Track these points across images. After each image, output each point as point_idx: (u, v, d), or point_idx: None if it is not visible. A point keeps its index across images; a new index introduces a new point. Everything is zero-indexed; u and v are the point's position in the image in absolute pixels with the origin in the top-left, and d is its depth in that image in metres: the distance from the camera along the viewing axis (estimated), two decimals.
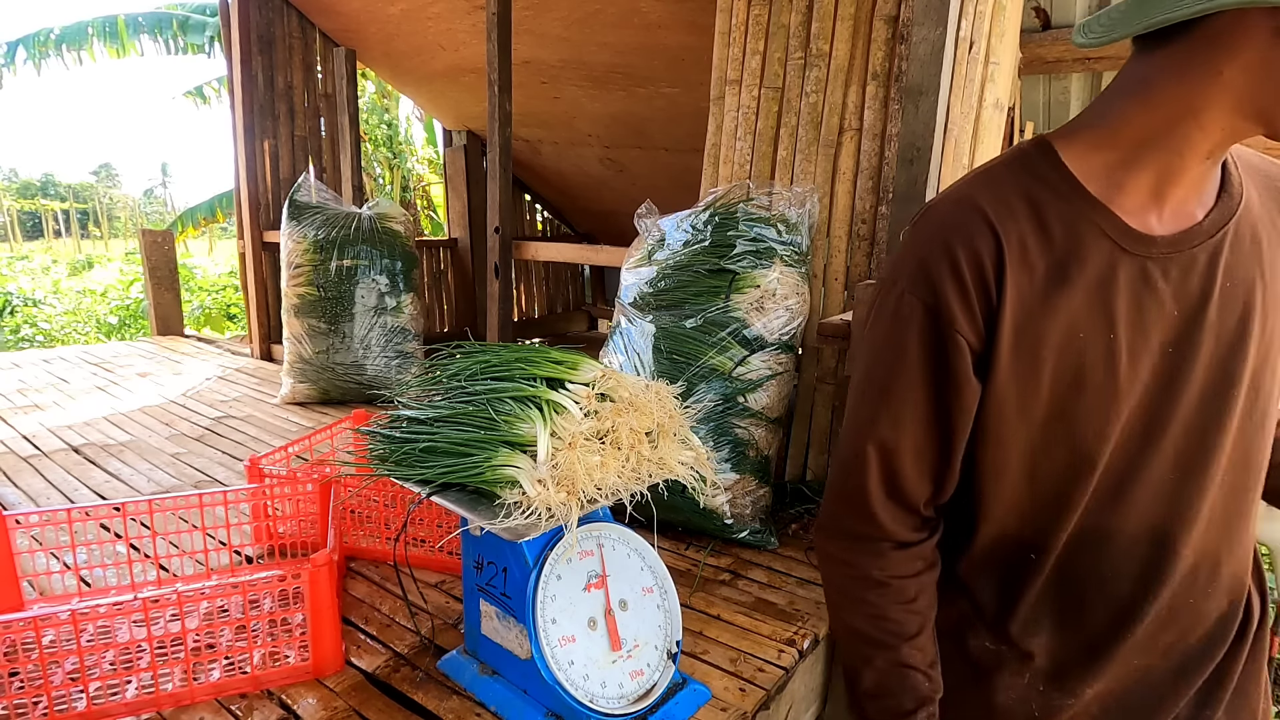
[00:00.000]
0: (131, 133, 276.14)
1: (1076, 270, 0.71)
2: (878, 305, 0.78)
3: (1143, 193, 0.71)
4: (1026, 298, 0.71)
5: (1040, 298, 0.71)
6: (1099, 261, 0.71)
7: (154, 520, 1.57)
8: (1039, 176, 0.73)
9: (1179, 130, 0.67)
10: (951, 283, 0.71)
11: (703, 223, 1.98)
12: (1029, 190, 0.73)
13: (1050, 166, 0.73)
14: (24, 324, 8.35)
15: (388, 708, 1.28)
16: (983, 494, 0.79)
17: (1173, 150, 0.68)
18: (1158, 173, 0.70)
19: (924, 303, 0.73)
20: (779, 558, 1.90)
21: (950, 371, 0.73)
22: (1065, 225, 0.71)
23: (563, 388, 1.17)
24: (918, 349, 0.74)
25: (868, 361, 0.80)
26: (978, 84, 1.68)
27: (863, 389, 0.81)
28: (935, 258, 0.73)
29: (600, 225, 5.93)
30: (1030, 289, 0.71)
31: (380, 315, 3.24)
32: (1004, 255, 0.70)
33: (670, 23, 3.12)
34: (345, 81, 3.96)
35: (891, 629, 0.81)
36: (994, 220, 0.71)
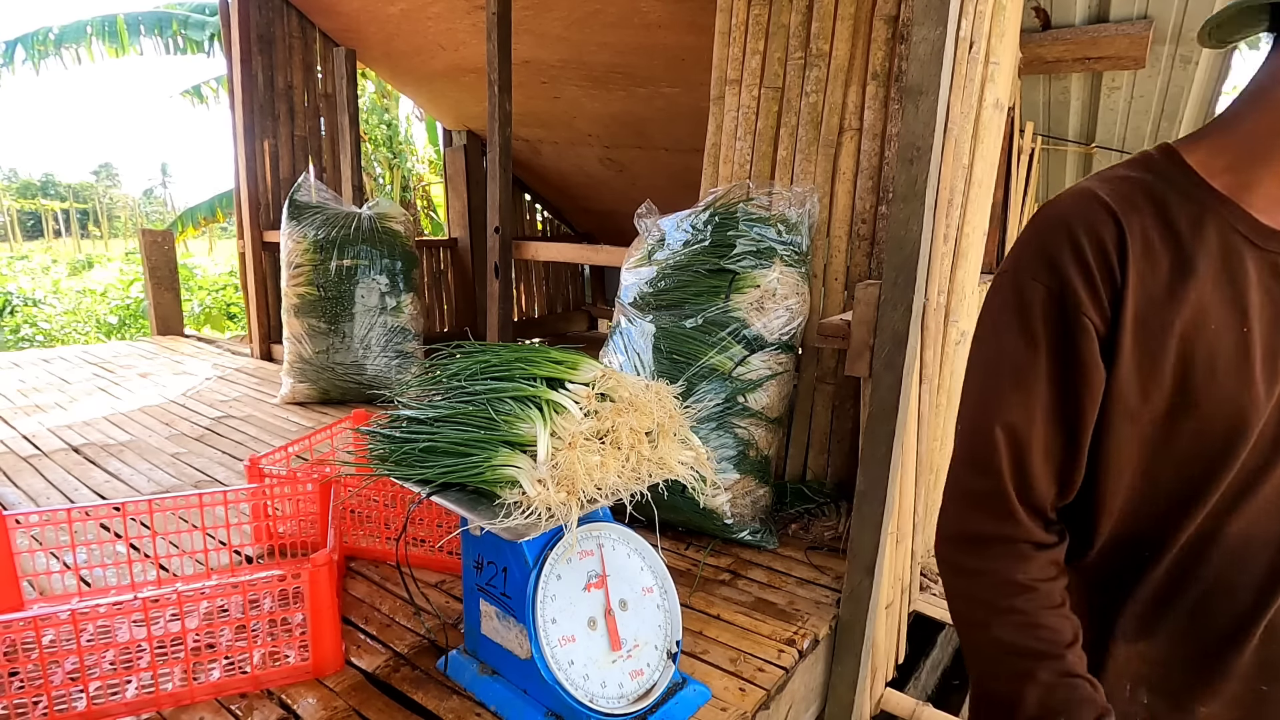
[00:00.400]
0: (131, 133, 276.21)
1: (1204, 262, 0.69)
2: (997, 296, 0.76)
3: (1273, 190, 0.69)
4: (1150, 286, 0.69)
5: (1165, 287, 0.69)
6: (1228, 255, 0.69)
7: (154, 520, 1.57)
8: (1161, 174, 0.72)
9: None
10: (1075, 265, 0.70)
11: (703, 223, 1.98)
12: (1151, 187, 0.72)
13: (1173, 165, 0.72)
14: (24, 324, 8.35)
15: (388, 707, 1.28)
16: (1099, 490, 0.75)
17: None
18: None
19: (1047, 287, 0.71)
20: (779, 558, 1.90)
21: (1078, 356, 0.70)
22: (1190, 220, 0.70)
23: (563, 388, 1.17)
24: (1043, 334, 0.71)
25: (986, 354, 0.76)
26: (978, 84, 1.68)
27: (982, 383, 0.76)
28: (1057, 243, 0.71)
29: (600, 225, 5.93)
30: (1154, 278, 0.69)
31: (380, 315, 3.24)
32: (1126, 242, 0.69)
33: (670, 23, 3.11)
34: (345, 81, 3.96)
35: (1049, 636, 0.73)
36: (1116, 209, 0.70)
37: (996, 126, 1.83)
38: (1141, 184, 0.72)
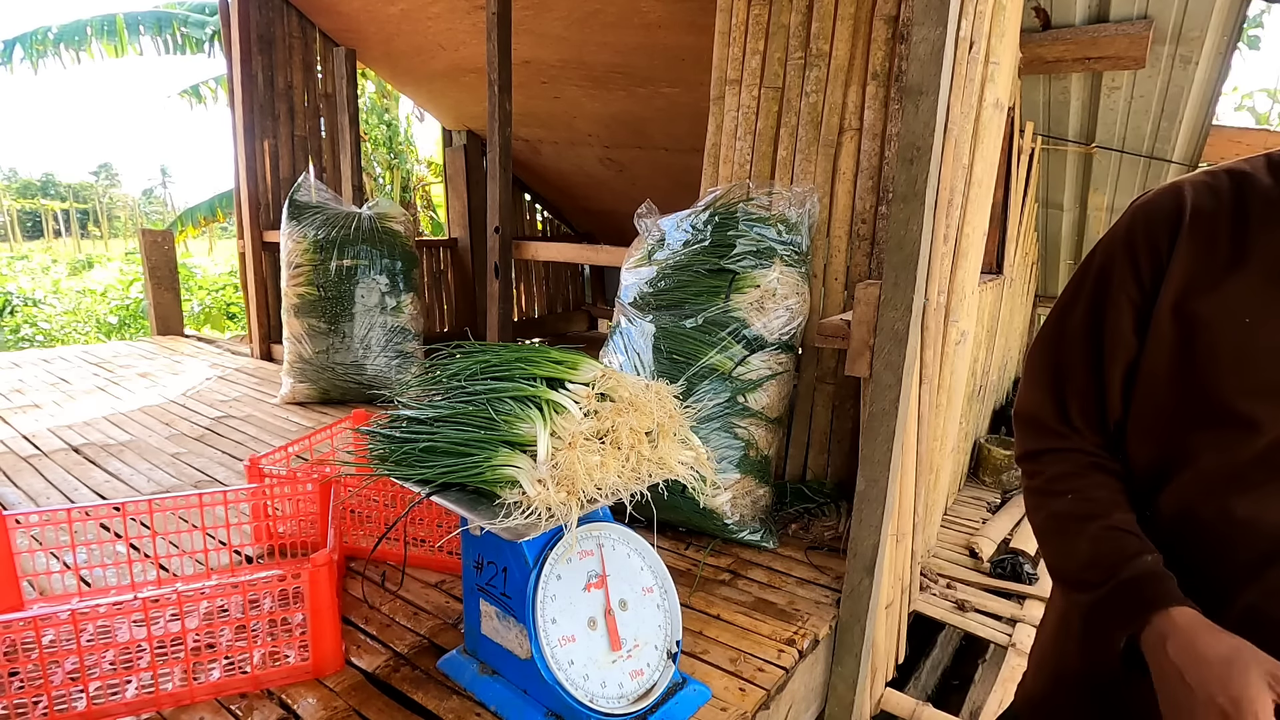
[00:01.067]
0: (131, 133, 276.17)
1: (1259, 256, 0.70)
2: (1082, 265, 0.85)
3: None
4: (1193, 270, 0.72)
5: (1209, 273, 0.71)
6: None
7: (154, 520, 1.57)
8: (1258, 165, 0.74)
9: None
10: (1125, 246, 0.77)
11: (703, 223, 1.98)
12: (1246, 180, 0.73)
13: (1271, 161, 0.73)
14: (24, 324, 8.35)
15: (388, 708, 1.28)
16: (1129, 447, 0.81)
17: None
18: None
19: (1102, 265, 0.80)
20: (779, 558, 1.90)
21: (1108, 326, 0.78)
22: (1264, 218, 0.71)
23: (563, 387, 1.17)
24: (1088, 299, 0.81)
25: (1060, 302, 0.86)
26: (978, 84, 1.68)
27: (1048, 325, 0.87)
28: (1127, 225, 0.78)
29: (600, 225, 5.93)
30: (1199, 262, 0.72)
31: (380, 315, 3.24)
32: (1182, 223, 0.73)
33: (670, 23, 3.11)
34: (345, 81, 3.96)
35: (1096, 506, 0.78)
36: (1186, 195, 0.74)
37: (996, 126, 1.83)
38: (1238, 175, 0.74)
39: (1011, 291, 3.16)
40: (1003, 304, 2.99)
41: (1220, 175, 0.76)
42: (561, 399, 1.12)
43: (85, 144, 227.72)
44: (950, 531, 2.63)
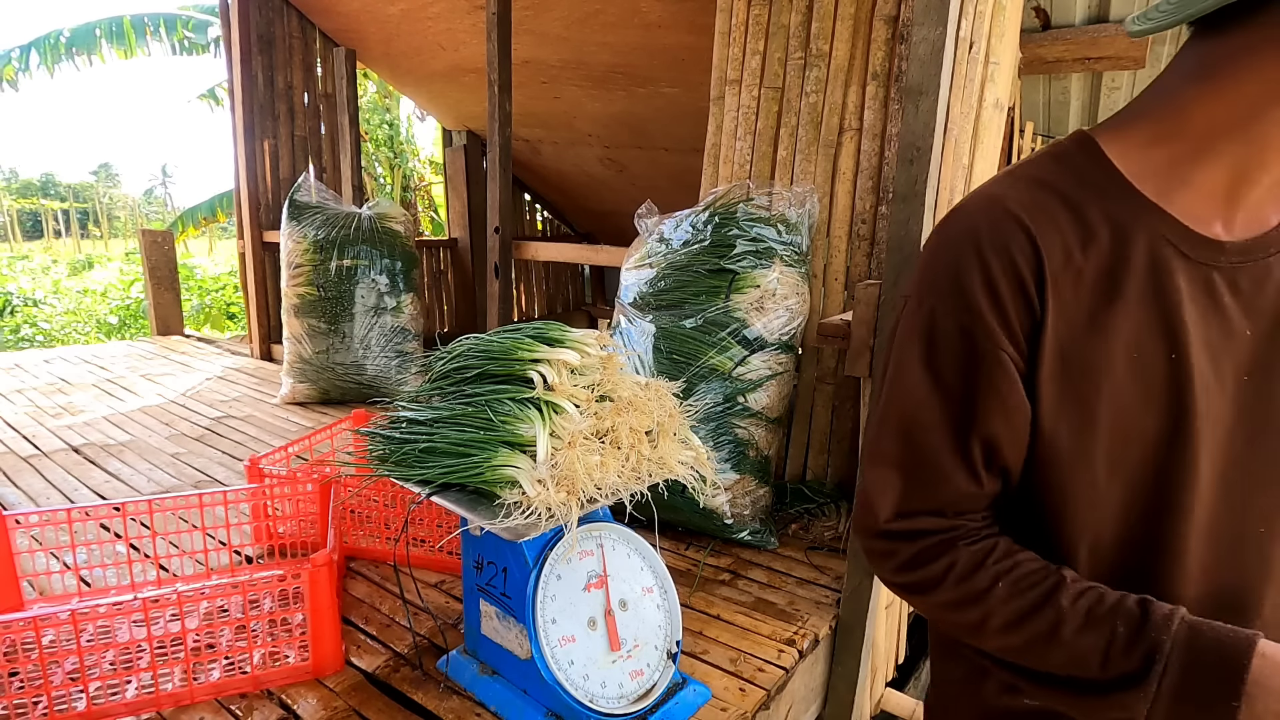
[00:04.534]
0: (132, 133, 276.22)
1: (1129, 281, 0.61)
2: (906, 325, 0.68)
3: (1211, 192, 0.62)
4: (1072, 315, 0.61)
5: (1088, 314, 0.61)
6: (1157, 271, 0.61)
7: (154, 520, 1.57)
8: (1079, 175, 0.64)
9: (1261, 122, 0.58)
10: (986, 294, 0.62)
11: (703, 223, 1.98)
12: (1068, 191, 0.63)
13: (1093, 163, 0.64)
14: (24, 324, 8.36)
15: (388, 708, 1.28)
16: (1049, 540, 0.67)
17: (1251, 144, 0.59)
18: (1232, 169, 0.60)
19: (956, 319, 0.63)
20: (779, 558, 1.90)
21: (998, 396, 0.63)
22: (1113, 229, 0.62)
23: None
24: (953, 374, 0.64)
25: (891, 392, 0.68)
26: (978, 84, 1.68)
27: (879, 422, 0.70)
28: (966, 265, 0.63)
29: (600, 225, 5.93)
30: (1076, 305, 0.61)
31: (380, 315, 3.25)
32: (1044, 266, 0.61)
33: (670, 23, 3.12)
34: (345, 81, 3.96)
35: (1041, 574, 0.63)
36: (1030, 225, 0.62)
37: (996, 126, 1.83)
38: (1057, 189, 0.64)
39: None
40: None
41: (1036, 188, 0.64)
42: (560, 400, 1.12)
43: (85, 144, 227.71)
44: None
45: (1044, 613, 0.61)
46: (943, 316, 0.64)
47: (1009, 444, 0.64)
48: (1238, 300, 0.62)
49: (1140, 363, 0.61)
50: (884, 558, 0.70)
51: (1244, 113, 0.59)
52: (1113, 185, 0.63)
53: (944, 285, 0.64)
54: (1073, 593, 0.61)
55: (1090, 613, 0.60)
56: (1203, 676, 0.55)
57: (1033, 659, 0.63)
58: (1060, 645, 0.60)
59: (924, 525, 0.67)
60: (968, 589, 0.64)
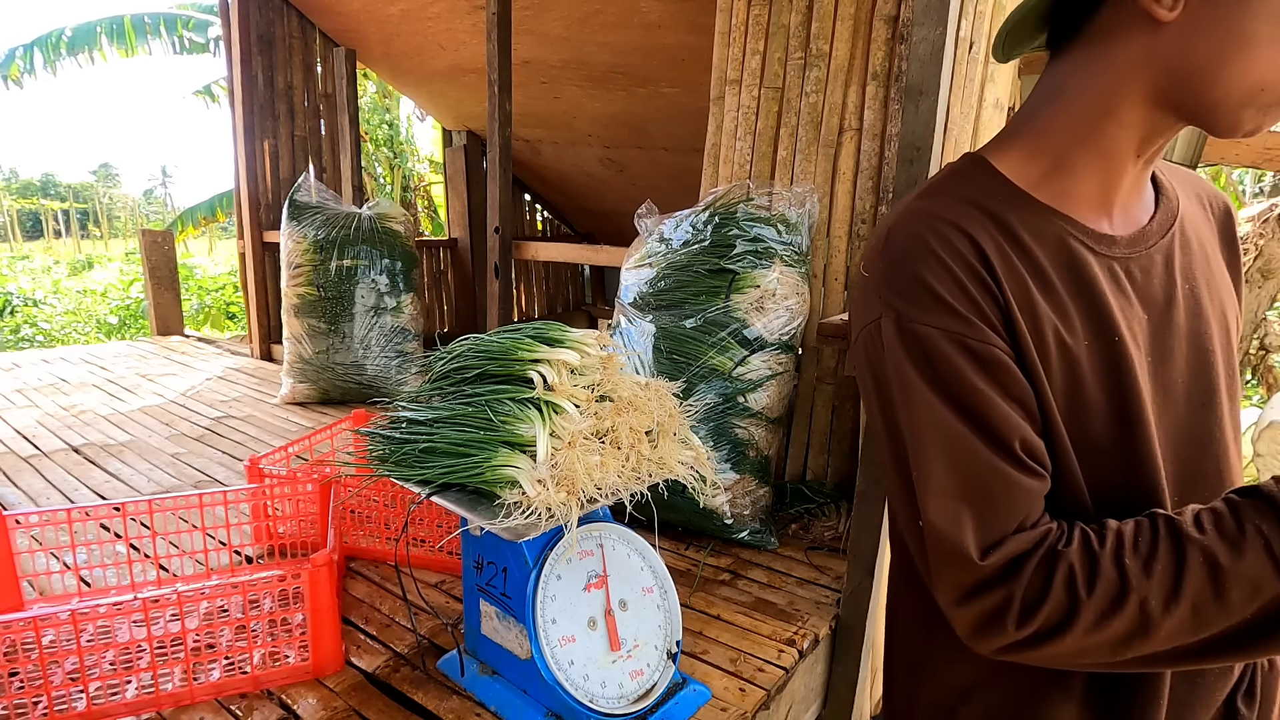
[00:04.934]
0: (132, 133, 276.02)
1: (1057, 275, 0.65)
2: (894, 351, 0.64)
3: (1089, 196, 0.68)
4: (1024, 305, 0.63)
5: (1033, 306, 0.64)
6: (1075, 265, 0.66)
7: (154, 520, 1.57)
8: (986, 189, 0.68)
9: (1101, 131, 0.65)
10: (960, 296, 0.62)
11: (703, 223, 1.98)
12: (980, 201, 0.67)
13: (992, 179, 0.69)
14: (24, 324, 8.36)
15: (388, 708, 1.28)
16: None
17: (1101, 152, 0.66)
18: (1096, 176, 0.67)
19: (944, 329, 0.62)
20: (779, 558, 1.90)
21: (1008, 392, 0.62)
22: (1031, 231, 0.66)
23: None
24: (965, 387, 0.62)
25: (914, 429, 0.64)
26: (978, 84, 1.68)
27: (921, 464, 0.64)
28: (937, 278, 0.62)
29: (600, 225, 5.93)
30: (1023, 296, 0.63)
31: (380, 315, 3.24)
32: (989, 258, 0.63)
33: (670, 23, 3.11)
34: (345, 81, 3.96)
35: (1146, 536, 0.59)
36: (964, 226, 0.64)
37: (996, 127, 1.83)
38: (973, 200, 0.66)
39: None
40: None
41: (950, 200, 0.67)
42: (560, 400, 1.12)
43: (85, 144, 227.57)
44: None
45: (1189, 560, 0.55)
46: (926, 331, 0.62)
47: (1033, 434, 0.62)
48: (1134, 288, 0.68)
49: (1087, 348, 0.65)
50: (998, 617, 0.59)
51: (1086, 125, 0.65)
52: (1016, 195, 0.68)
53: (918, 298, 0.63)
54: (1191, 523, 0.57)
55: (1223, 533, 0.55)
56: None
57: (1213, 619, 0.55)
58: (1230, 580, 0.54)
59: (1018, 548, 0.59)
60: (1103, 590, 0.56)
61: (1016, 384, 0.62)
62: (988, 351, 0.62)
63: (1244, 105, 0.59)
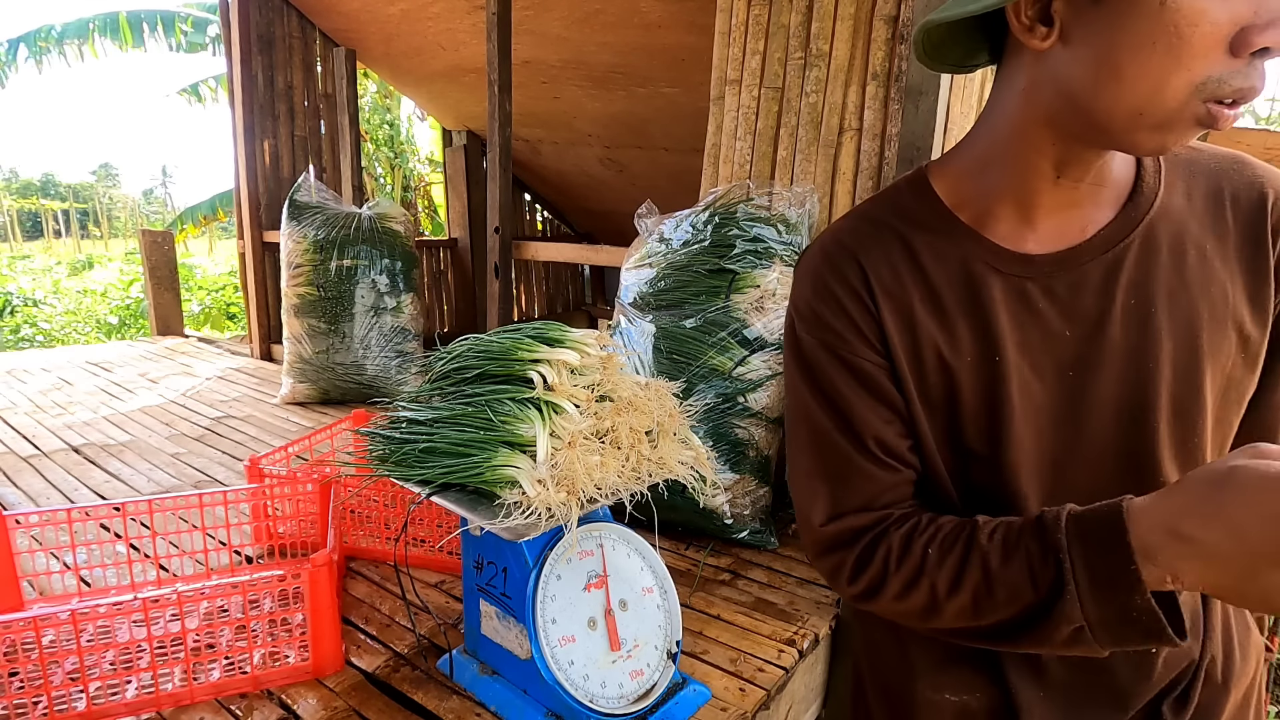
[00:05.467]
0: (131, 133, 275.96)
1: (950, 296, 0.69)
2: (787, 353, 0.77)
3: (1009, 215, 0.69)
4: (903, 325, 0.70)
5: (914, 326, 0.70)
6: (972, 286, 0.69)
7: (154, 520, 1.57)
8: (905, 211, 0.73)
9: (1014, 152, 0.66)
10: (835, 313, 0.72)
11: (703, 223, 1.98)
12: (895, 226, 0.72)
13: (920, 199, 0.73)
14: (24, 324, 8.35)
15: (388, 708, 1.28)
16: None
17: (1017, 172, 0.67)
18: (1012, 196, 0.68)
19: (820, 339, 0.73)
20: (779, 558, 1.90)
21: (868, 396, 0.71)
22: (934, 254, 0.70)
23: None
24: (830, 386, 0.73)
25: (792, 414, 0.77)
26: (978, 84, 1.68)
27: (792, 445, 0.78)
28: (817, 293, 0.73)
29: (600, 225, 5.93)
30: (903, 317, 0.70)
31: (380, 315, 3.24)
32: (870, 282, 0.71)
33: (670, 23, 3.12)
34: (345, 81, 3.96)
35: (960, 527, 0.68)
36: (856, 251, 0.72)
37: None
38: (884, 223, 0.73)
39: None
40: None
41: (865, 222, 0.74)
42: (560, 400, 1.12)
43: (85, 144, 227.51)
44: None
45: (972, 560, 0.64)
46: (809, 340, 0.74)
47: (893, 434, 0.72)
48: (1054, 305, 0.68)
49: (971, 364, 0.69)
50: (835, 573, 0.74)
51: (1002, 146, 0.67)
52: (934, 217, 0.71)
53: (805, 313, 0.74)
54: (986, 531, 0.65)
55: (1005, 542, 0.63)
56: (1104, 552, 0.57)
57: (986, 611, 0.64)
58: (997, 583, 0.63)
59: (856, 523, 0.72)
60: (907, 569, 0.68)
61: (882, 391, 0.71)
62: (856, 363, 0.71)
63: (1131, 128, 0.58)
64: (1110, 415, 0.68)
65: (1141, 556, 0.54)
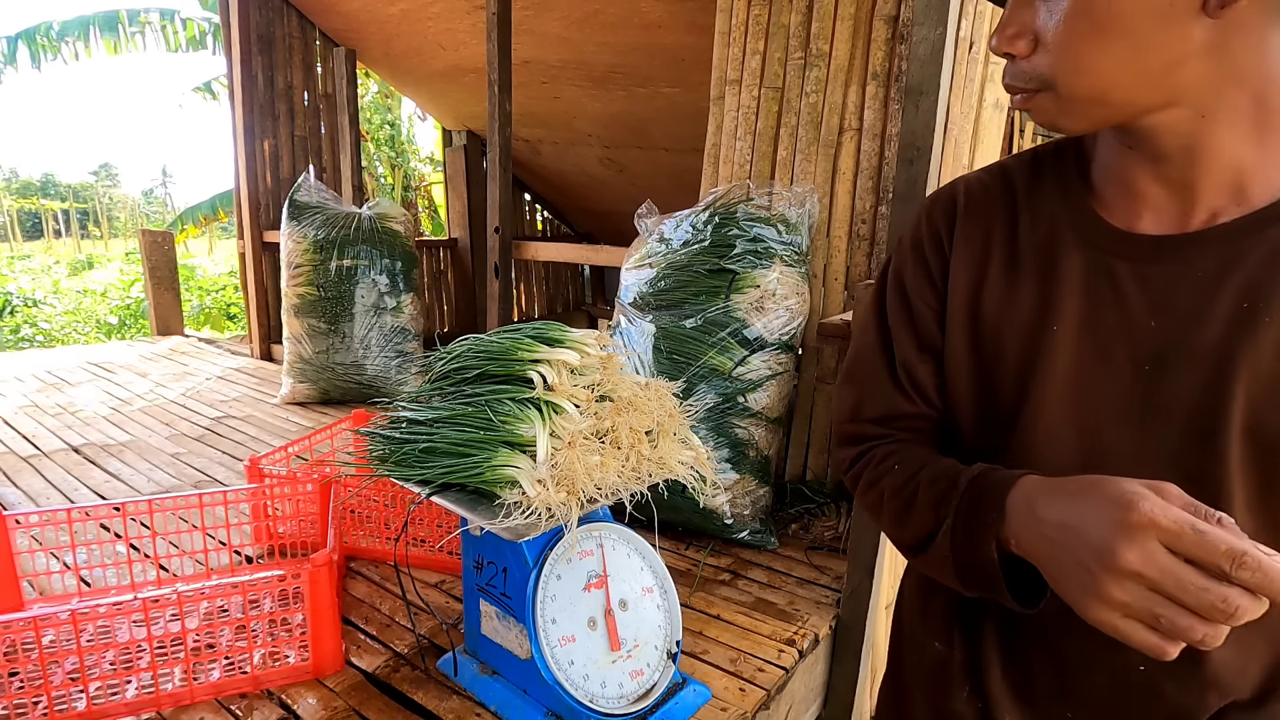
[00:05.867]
0: (132, 132, 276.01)
1: (1029, 259, 0.68)
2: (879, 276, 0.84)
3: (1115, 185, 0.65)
4: (971, 279, 0.71)
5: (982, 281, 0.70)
6: (1052, 252, 0.67)
7: (154, 520, 1.57)
8: (1040, 166, 0.71)
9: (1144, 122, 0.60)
10: (914, 248, 0.76)
11: (703, 223, 1.98)
12: (1019, 180, 0.71)
13: (1063, 156, 0.70)
14: (24, 324, 8.35)
15: (388, 708, 1.28)
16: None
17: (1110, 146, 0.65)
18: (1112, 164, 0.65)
19: (897, 268, 0.78)
20: (779, 558, 1.90)
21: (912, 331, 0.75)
22: (1032, 215, 0.69)
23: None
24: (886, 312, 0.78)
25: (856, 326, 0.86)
26: (978, 84, 1.68)
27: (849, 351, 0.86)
28: (913, 230, 0.78)
29: (600, 225, 5.93)
30: (974, 271, 0.71)
31: (380, 315, 3.24)
32: (955, 233, 0.73)
33: (670, 23, 3.12)
34: (345, 81, 3.96)
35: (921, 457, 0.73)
36: (962, 195, 0.74)
37: (996, 126, 1.83)
38: (1011, 176, 0.73)
39: None
40: None
41: (991, 169, 0.75)
42: (560, 400, 1.12)
43: (85, 144, 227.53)
44: None
45: (913, 479, 0.70)
46: (893, 263, 0.79)
47: (924, 372, 0.75)
48: (1144, 290, 0.63)
49: (1025, 329, 0.67)
50: (840, 464, 0.83)
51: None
52: (1060, 177, 0.69)
53: (902, 240, 0.79)
54: (937, 462, 0.70)
55: (939, 474, 0.68)
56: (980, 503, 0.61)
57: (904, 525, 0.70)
58: (917, 504, 0.68)
59: (865, 431, 0.79)
60: (876, 472, 0.75)
61: (926, 332, 0.75)
62: (914, 302, 0.75)
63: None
64: (1179, 422, 0.61)
65: (1007, 518, 0.59)
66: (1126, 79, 0.57)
